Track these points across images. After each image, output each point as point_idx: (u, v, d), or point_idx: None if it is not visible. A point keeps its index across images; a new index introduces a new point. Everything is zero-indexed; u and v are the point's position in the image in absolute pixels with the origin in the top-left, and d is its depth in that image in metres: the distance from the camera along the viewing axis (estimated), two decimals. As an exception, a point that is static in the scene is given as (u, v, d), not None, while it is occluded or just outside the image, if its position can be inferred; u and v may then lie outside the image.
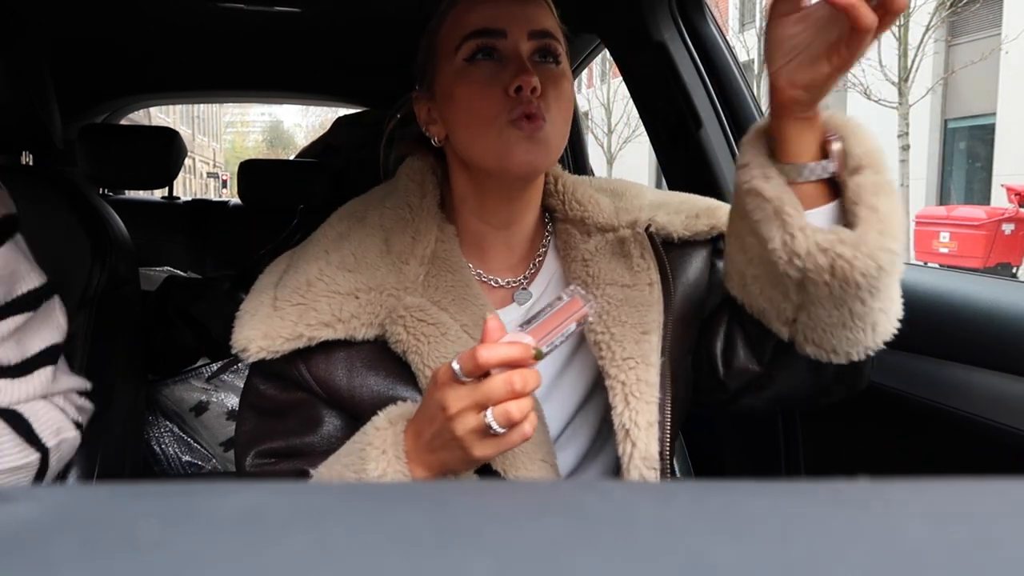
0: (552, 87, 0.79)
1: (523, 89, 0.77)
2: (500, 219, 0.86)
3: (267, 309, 0.79)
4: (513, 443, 0.66)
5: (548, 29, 0.82)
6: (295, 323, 0.76)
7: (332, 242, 0.83)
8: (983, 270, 8.82)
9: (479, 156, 0.80)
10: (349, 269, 0.80)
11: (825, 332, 0.75)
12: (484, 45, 0.79)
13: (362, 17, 1.70)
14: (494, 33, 0.79)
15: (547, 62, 0.81)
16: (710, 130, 1.33)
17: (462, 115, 0.80)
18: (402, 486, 0.25)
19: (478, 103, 0.78)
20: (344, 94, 2.83)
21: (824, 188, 0.73)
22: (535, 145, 0.77)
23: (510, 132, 0.77)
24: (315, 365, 0.78)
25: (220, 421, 1.69)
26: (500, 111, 0.77)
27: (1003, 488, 0.22)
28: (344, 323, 0.77)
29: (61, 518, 0.19)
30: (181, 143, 2.37)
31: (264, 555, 0.17)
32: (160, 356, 1.72)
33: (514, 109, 0.77)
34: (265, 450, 0.80)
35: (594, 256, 0.86)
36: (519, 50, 0.80)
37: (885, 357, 1.10)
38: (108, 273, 1.25)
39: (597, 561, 0.17)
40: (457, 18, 0.82)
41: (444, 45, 0.82)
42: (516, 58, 0.79)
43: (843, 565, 0.17)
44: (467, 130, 0.80)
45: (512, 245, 0.88)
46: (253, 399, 0.83)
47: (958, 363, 0.97)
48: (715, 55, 1.34)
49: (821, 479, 0.23)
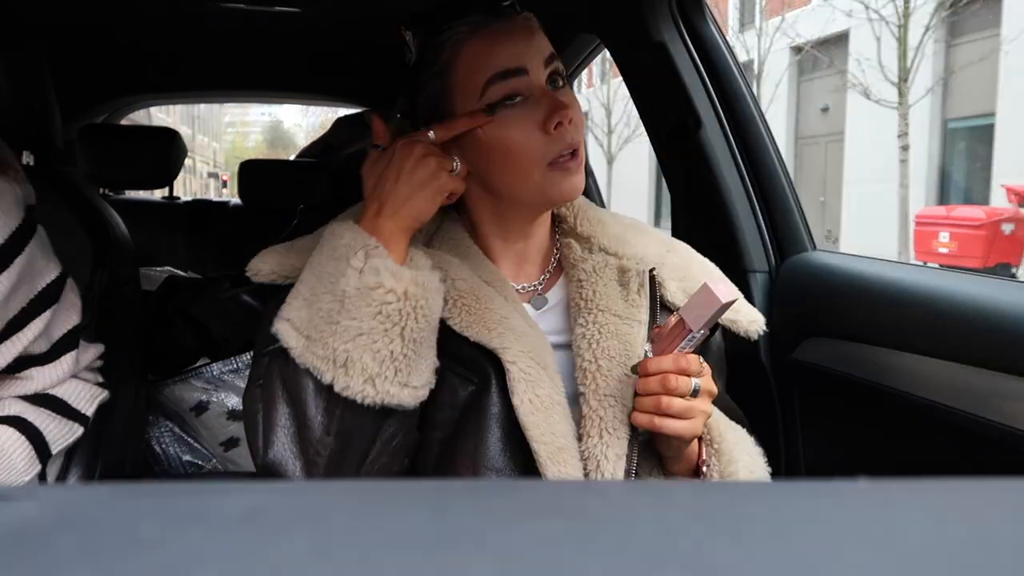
0: (573, 110, 0.81)
1: (562, 124, 0.78)
2: (517, 234, 0.88)
3: (284, 247, 0.85)
4: (462, 126, 0.77)
5: (554, 52, 0.83)
6: (305, 257, 0.79)
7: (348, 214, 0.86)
8: (983, 270, 8.82)
9: (522, 194, 0.82)
10: None
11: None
12: (511, 89, 0.79)
13: (362, 17, 1.70)
14: (518, 72, 0.80)
15: (561, 86, 0.82)
16: (710, 130, 1.33)
17: (499, 159, 0.81)
18: (402, 486, 0.25)
19: (519, 148, 0.79)
20: (344, 94, 2.83)
21: None
22: (578, 176, 0.80)
23: (554, 173, 0.79)
24: None
25: (220, 421, 1.69)
26: (543, 153, 0.79)
27: (1003, 488, 0.22)
28: None
29: (62, 518, 0.19)
30: (181, 143, 2.37)
31: (264, 555, 0.17)
32: (160, 356, 1.72)
33: (554, 147, 0.79)
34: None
35: (590, 277, 0.86)
36: (542, 83, 0.81)
37: (885, 357, 1.10)
38: (108, 273, 1.26)
39: (597, 561, 0.17)
40: (473, 59, 0.80)
41: (462, 87, 0.81)
42: (543, 94, 0.80)
43: (843, 565, 0.17)
44: (507, 173, 0.81)
45: (526, 256, 0.89)
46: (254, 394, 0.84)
47: (958, 363, 0.97)
48: (715, 55, 1.34)
49: (821, 479, 0.23)
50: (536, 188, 0.80)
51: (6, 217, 0.92)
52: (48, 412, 1.02)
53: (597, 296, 0.84)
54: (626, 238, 0.90)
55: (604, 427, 0.79)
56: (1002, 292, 0.97)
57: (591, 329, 0.83)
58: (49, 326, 1.00)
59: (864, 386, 1.10)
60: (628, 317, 0.84)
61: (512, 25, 0.81)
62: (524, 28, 0.82)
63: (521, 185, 0.81)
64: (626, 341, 0.82)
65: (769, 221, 1.33)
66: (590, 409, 0.80)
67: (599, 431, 0.79)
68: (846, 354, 1.14)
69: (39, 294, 0.98)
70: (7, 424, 0.98)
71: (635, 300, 0.85)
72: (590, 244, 0.89)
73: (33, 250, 0.96)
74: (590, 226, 0.90)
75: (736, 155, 1.33)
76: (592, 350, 0.82)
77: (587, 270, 0.87)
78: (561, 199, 0.82)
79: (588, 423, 0.79)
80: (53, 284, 1.00)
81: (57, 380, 1.03)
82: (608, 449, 0.78)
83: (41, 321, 0.98)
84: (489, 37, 0.80)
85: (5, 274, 0.91)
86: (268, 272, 0.82)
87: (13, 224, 0.92)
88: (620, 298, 0.85)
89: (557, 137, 0.79)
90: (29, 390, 1.01)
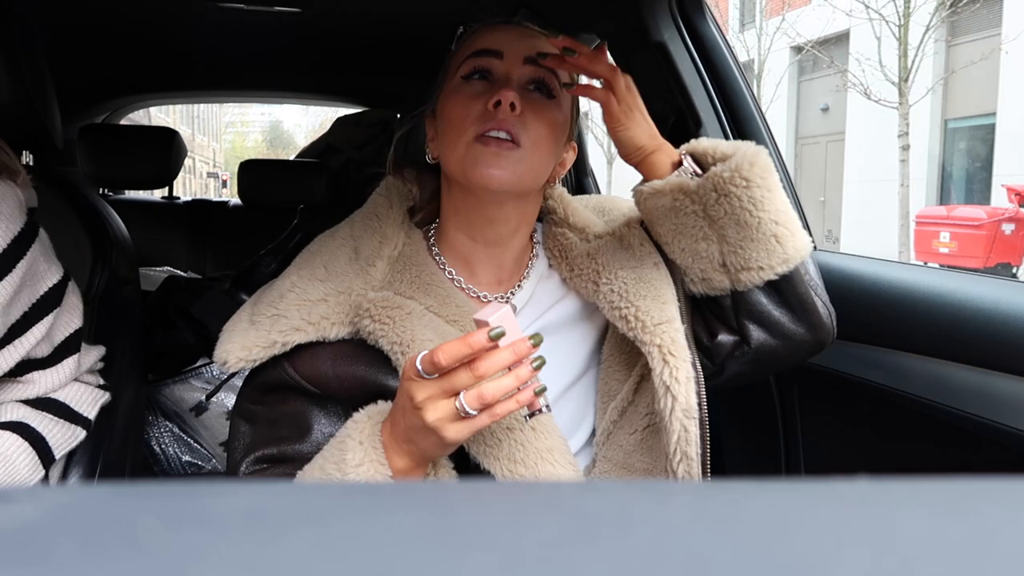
0: (535, 115, 0.83)
1: (501, 103, 0.80)
2: (486, 237, 0.89)
3: (244, 324, 0.83)
4: (483, 424, 0.69)
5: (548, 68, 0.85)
6: (268, 331, 0.80)
7: (305, 259, 0.87)
8: (983, 270, 8.82)
9: (449, 167, 0.85)
10: (320, 279, 0.84)
11: (743, 252, 0.86)
12: (481, 65, 0.85)
13: (362, 17, 1.70)
14: (492, 53, 0.85)
15: (538, 92, 0.85)
16: (710, 130, 1.33)
17: (444, 127, 0.85)
18: (402, 486, 0.25)
19: (458, 116, 0.83)
20: (344, 94, 2.83)
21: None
22: (499, 161, 0.80)
23: (476, 146, 0.81)
24: (301, 364, 0.82)
25: (220, 421, 1.69)
26: (474, 124, 0.81)
27: (1003, 488, 0.22)
28: (314, 325, 0.80)
29: (62, 518, 0.19)
30: (181, 143, 2.37)
31: (265, 555, 0.17)
32: (160, 356, 1.72)
33: (487, 123, 0.81)
34: (259, 456, 0.83)
35: (599, 251, 0.90)
36: (512, 73, 0.84)
37: (885, 357, 1.10)
38: (108, 273, 1.26)
39: (597, 561, 0.17)
40: (469, 43, 0.88)
41: (450, 67, 0.89)
42: (506, 80, 0.84)
43: (843, 565, 0.17)
44: (445, 141, 0.85)
45: (501, 263, 0.90)
46: (245, 411, 0.86)
47: (958, 363, 0.97)
48: (715, 55, 1.34)
49: (821, 479, 0.23)
50: (459, 160, 0.82)
51: (8, 222, 0.91)
52: (50, 416, 1.02)
53: (610, 262, 0.89)
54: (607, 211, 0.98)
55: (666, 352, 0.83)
56: (1002, 292, 0.97)
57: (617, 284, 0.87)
58: (51, 330, 1.00)
59: (864, 386, 1.10)
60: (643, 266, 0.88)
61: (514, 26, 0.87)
62: (522, 29, 0.87)
63: (451, 155, 0.83)
64: (650, 281, 0.87)
65: (769, 221, 1.33)
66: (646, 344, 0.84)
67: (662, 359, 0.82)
68: (846, 354, 1.14)
69: (41, 298, 0.98)
70: (10, 430, 0.98)
71: (641, 251, 0.90)
72: (585, 233, 0.93)
73: (35, 254, 0.95)
74: (581, 217, 0.94)
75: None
76: (625, 298, 0.85)
77: (593, 247, 0.91)
78: (475, 181, 0.81)
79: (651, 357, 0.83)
80: (55, 288, 1.00)
81: (59, 384, 1.03)
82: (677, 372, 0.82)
83: (43, 325, 0.97)
84: (489, 28, 0.87)
85: (7, 279, 0.91)
86: (236, 361, 0.81)
87: (15, 229, 0.92)
88: (629, 257, 0.89)
89: (493, 115, 0.81)
90: (31, 394, 1.01)
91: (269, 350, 0.80)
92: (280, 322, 0.80)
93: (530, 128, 0.82)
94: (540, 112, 0.84)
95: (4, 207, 0.91)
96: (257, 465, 0.83)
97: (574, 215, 0.94)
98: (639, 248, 0.90)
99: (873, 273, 1.16)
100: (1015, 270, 9.40)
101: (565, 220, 0.94)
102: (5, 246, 0.90)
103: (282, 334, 0.80)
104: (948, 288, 1.02)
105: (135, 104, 3.01)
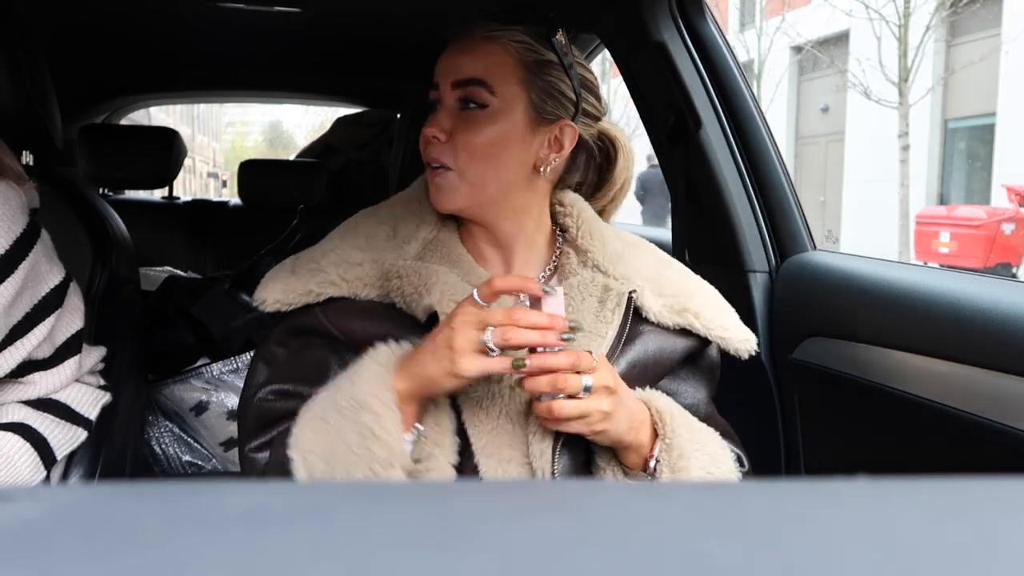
0: (471, 132, 0.86)
1: (425, 140, 0.87)
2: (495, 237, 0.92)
3: (286, 273, 0.90)
4: (495, 367, 0.74)
5: (471, 77, 0.86)
6: (307, 282, 0.87)
7: (348, 228, 0.94)
8: (983, 270, 8.82)
9: None
10: (359, 248, 0.90)
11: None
12: (430, 98, 0.90)
13: (362, 17, 1.70)
14: (434, 87, 0.89)
15: (468, 108, 0.87)
16: (710, 130, 1.33)
17: None
18: (402, 486, 0.25)
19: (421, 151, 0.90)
20: (344, 94, 2.83)
21: None
22: (440, 188, 0.88)
23: (430, 174, 0.89)
24: (332, 313, 0.87)
25: (220, 421, 1.69)
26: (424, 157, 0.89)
27: (1003, 488, 0.22)
28: (348, 282, 0.87)
29: (63, 518, 0.19)
30: (181, 143, 2.37)
31: (264, 555, 0.17)
32: (160, 356, 1.72)
33: (426, 156, 0.88)
34: (275, 389, 0.88)
35: (571, 291, 0.89)
36: (445, 100, 0.88)
37: (885, 357, 1.10)
38: (108, 273, 1.26)
39: (597, 561, 0.17)
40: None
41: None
42: (440, 109, 0.88)
43: (843, 565, 0.17)
44: None
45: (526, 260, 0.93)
46: (268, 354, 0.91)
47: (957, 363, 0.97)
48: (715, 55, 1.34)
49: (821, 479, 0.23)
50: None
51: (10, 223, 0.91)
52: (52, 417, 1.02)
53: (570, 311, 0.87)
54: (623, 255, 0.93)
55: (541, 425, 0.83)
56: (1002, 292, 0.97)
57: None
58: (52, 331, 1.00)
59: (864, 386, 1.10)
60: (593, 332, 0.87)
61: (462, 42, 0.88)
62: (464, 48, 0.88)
63: None
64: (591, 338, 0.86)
65: (769, 221, 1.34)
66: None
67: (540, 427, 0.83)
68: (846, 354, 1.14)
69: (43, 299, 0.98)
70: (11, 431, 0.98)
71: (607, 317, 0.88)
72: (585, 259, 0.92)
73: (37, 255, 0.95)
74: (590, 240, 0.93)
75: (736, 155, 1.33)
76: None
77: (573, 285, 0.90)
78: (433, 205, 0.89)
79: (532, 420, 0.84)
80: (57, 289, 1.00)
81: (60, 385, 1.03)
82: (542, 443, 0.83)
83: (45, 326, 0.97)
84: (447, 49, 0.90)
85: (9, 280, 0.91)
86: (273, 302, 0.87)
87: (17, 230, 0.92)
88: (593, 314, 0.88)
89: (427, 148, 0.88)
90: (32, 395, 1.01)
91: (304, 297, 0.87)
92: (319, 275, 0.87)
93: (461, 149, 0.86)
94: (475, 127, 0.86)
95: (6, 208, 0.91)
96: (271, 395, 0.88)
97: (584, 237, 0.93)
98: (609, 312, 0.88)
99: (873, 273, 1.16)
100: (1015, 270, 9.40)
101: (574, 241, 0.94)
102: (7, 247, 0.90)
103: (319, 285, 0.87)
104: (948, 288, 1.02)
105: (135, 104, 3.01)
